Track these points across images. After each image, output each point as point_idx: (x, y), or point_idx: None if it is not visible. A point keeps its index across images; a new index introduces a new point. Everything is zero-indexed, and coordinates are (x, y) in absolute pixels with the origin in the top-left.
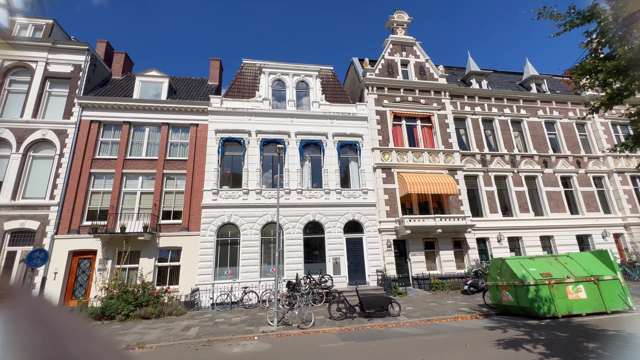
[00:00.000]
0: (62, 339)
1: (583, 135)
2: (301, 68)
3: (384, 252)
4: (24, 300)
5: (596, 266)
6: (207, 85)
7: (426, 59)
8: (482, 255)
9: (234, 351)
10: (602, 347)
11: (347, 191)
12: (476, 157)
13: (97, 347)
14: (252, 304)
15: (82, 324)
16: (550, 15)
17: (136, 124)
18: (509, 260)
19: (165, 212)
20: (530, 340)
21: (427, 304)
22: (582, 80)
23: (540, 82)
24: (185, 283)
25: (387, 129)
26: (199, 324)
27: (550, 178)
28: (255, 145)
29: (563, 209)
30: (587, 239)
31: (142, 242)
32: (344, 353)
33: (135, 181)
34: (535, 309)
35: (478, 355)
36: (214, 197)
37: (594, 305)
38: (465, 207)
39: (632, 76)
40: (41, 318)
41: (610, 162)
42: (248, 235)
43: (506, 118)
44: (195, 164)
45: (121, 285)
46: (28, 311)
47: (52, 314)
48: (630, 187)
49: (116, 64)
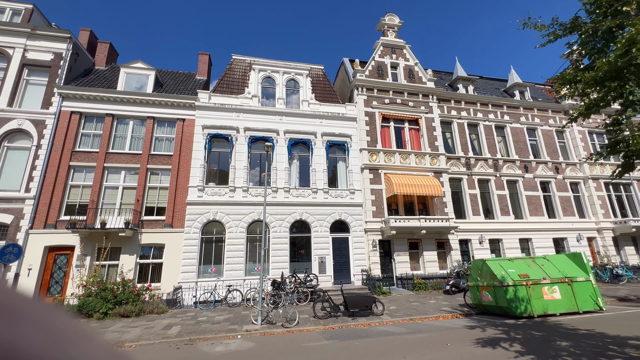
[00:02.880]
0: (62, 342)
1: (562, 143)
2: (292, 66)
3: (369, 252)
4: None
5: (570, 268)
6: (195, 80)
7: (415, 62)
8: (464, 256)
9: (216, 350)
10: (574, 346)
11: (334, 191)
12: (461, 161)
13: (99, 351)
14: (236, 303)
15: (82, 327)
16: (534, 25)
17: (120, 117)
18: (489, 261)
19: (148, 208)
20: (508, 339)
21: (410, 304)
22: (562, 89)
23: (523, 89)
24: (168, 281)
25: (375, 130)
26: (180, 323)
27: (530, 183)
28: (243, 142)
29: (541, 212)
30: (562, 241)
31: (123, 238)
32: (327, 352)
33: (118, 176)
34: (513, 308)
35: (458, 353)
36: (199, 193)
37: (567, 306)
38: (449, 209)
39: (608, 87)
40: (39, 321)
41: (586, 169)
42: (234, 233)
43: (490, 123)
44: (180, 159)
45: (100, 282)
46: (25, 314)
47: (50, 316)
48: (604, 193)
49: (100, 54)
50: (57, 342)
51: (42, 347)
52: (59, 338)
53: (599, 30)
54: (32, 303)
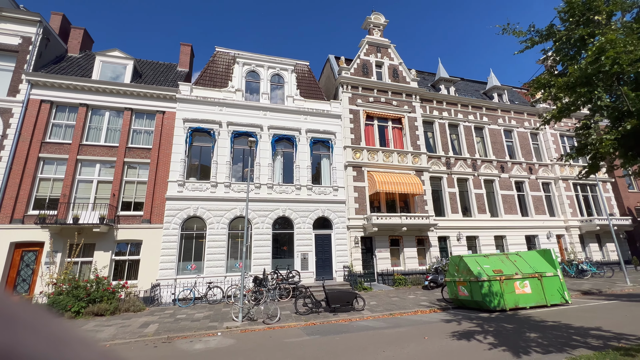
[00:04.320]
0: (58, 347)
1: (536, 144)
2: (277, 61)
3: (352, 249)
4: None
5: (540, 264)
6: (176, 71)
7: (400, 62)
8: (442, 253)
9: (195, 348)
10: (542, 337)
11: (318, 188)
12: (441, 160)
13: (94, 355)
14: (216, 300)
15: (77, 331)
16: (513, 31)
17: (95, 107)
18: (466, 257)
19: (125, 203)
20: (482, 331)
21: (390, 299)
22: (537, 93)
23: (501, 92)
24: (145, 278)
25: (359, 128)
26: (158, 321)
27: (506, 182)
28: (225, 137)
29: (515, 211)
30: (534, 239)
31: (98, 234)
32: (308, 347)
33: (92, 169)
34: (487, 302)
35: (434, 346)
36: (179, 188)
37: (537, 299)
38: (429, 206)
39: (579, 92)
40: (35, 326)
41: (557, 170)
42: (215, 229)
43: (470, 124)
44: (160, 153)
45: (72, 280)
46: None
47: (46, 321)
48: (572, 193)
49: (73, 40)
50: (53, 347)
51: (40, 351)
52: (55, 342)
53: (572, 38)
54: (28, 308)
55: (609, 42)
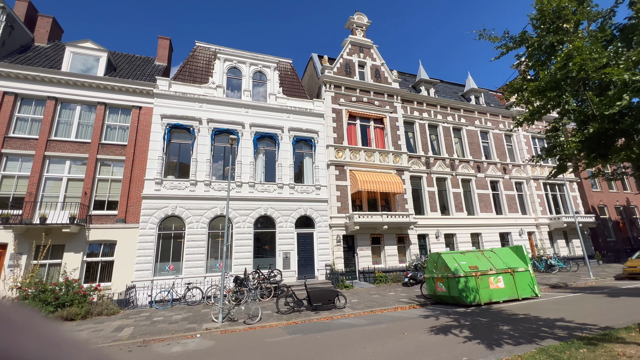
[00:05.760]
0: (53, 350)
1: (509, 145)
2: (259, 58)
3: (334, 247)
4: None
5: (513, 260)
6: (153, 65)
7: (382, 62)
8: (421, 250)
9: (173, 350)
10: (513, 329)
11: (300, 186)
12: (421, 160)
13: (89, 358)
14: (195, 301)
15: (71, 335)
16: (489, 37)
17: (65, 101)
18: (444, 254)
19: (98, 202)
20: (458, 326)
21: (371, 296)
22: (511, 97)
23: (478, 95)
24: (120, 280)
25: (342, 127)
26: (134, 324)
27: (482, 182)
28: (206, 134)
29: (490, 209)
30: (507, 236)
31: (68, 234)
32: (289, 346)
33: (62, 166)
34: (464, 298)
35: (413, 341)
36: (157, 187)
37: (509, 294)
38: (409, 205)
39: (548, 97)
40: (31, 330)
41: (529, 170)
42: (194, 228)
43: (449, 125)
44: (136, 150)
45: (39, 283)
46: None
47: (41, 325)
48: (542, 192)
49: (41, 29)
50: (49, 350)
51: (36, 354)
52: (50, 345)
53: (543, 45)
54: (23, 312)
55: (576, 50)
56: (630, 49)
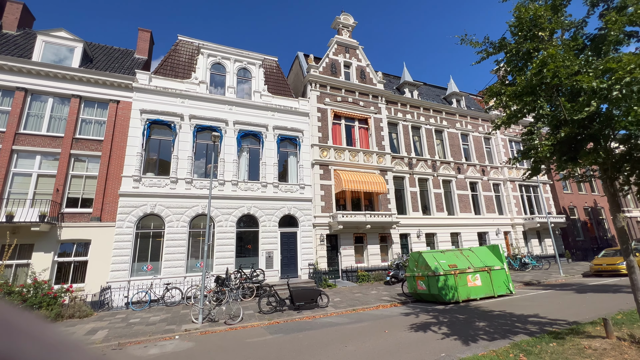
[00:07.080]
0: (53, 353)
1: (488, 148)
2: (244, 54)
3: (317, 246)
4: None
5: (490, 258)
6: (133, 58)
7: (367, 63)
8: (403, 249)
9: (150, 353)
10: (489, 325)
11: (284, 185)
12: (404, 160)
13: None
14: (175, 302)
15: (70, 338)
16: (470, 42)
17: (35, 92)
18: (424, 253)
19: (71, 199)
20: (437, 323)
21: (354, 295)
22: (490, 101)
23: (460, 98)
24: (94, 281)
25: (327, 127)
26: (108, 326)
27: (462, 183)
28: (187, 130)
29: (469, 209)
30: (485, 235)
31: (37, 233)
32: (271, 346)
33: (31, 161)
34: (443, 295)
35: (394, 339)
36: (135, 184)
37: (486, 291)
38: (392, 205)
39: (525, 101)
40: (31, 333)
41: (506, 172)
42: (174, 227)
43: (431, 127)
44: (113, 145)
45: (4, 284)
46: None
47: (41, 328)
48: (518, 193)
49: (9, 16)
50: (49, 352)
51: (36, 357)
52: (50, 348)
53: (521, 51)
54: (23, 315)
55: (550, 57)
56: (599, 58)
